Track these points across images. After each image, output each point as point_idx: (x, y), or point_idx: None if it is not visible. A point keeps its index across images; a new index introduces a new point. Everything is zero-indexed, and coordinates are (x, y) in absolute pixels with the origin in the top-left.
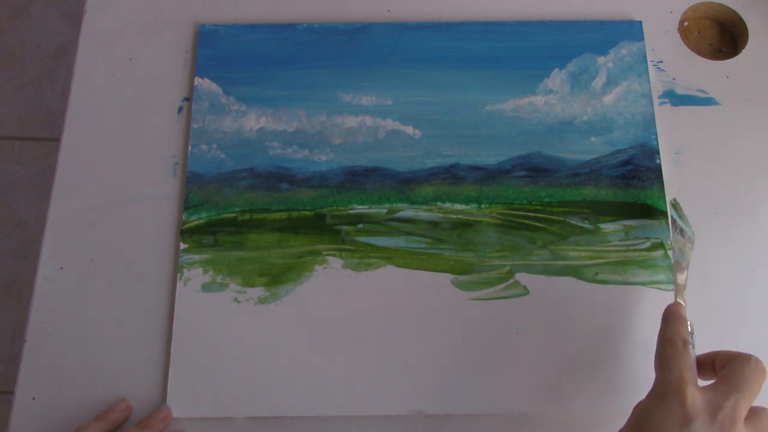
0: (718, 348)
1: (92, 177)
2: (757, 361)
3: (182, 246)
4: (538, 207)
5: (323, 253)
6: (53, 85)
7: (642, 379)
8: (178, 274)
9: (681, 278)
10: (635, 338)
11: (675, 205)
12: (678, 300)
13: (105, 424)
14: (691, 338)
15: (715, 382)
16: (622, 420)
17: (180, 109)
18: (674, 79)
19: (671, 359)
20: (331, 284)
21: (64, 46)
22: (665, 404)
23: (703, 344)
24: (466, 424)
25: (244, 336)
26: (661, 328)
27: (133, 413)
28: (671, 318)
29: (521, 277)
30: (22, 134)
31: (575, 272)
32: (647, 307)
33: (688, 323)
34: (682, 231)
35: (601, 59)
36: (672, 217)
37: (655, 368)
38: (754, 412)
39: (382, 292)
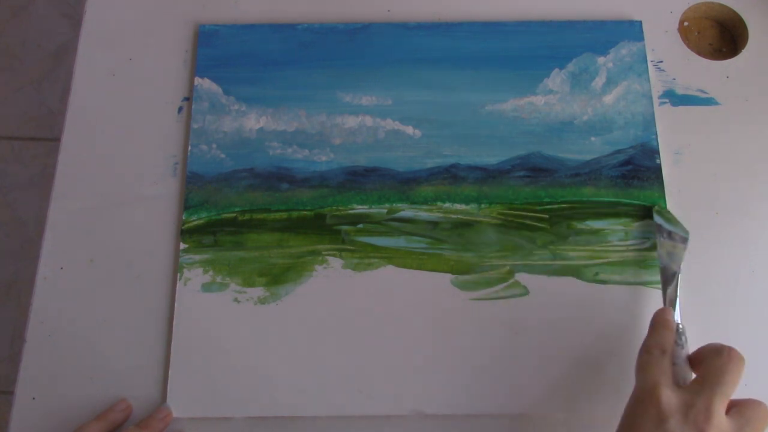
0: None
1: (92, 177)
2: (730, 351)
3: (182, 246)
4: (538, 207)
5: (323, 253)
6: (53, 85)
7: None
8: (178, 274)
9: (670, 281)
10: (635, 338)
11: (659, 211)
12: (667, 306)
13: (105, 424)
14: (682, 339)
15: (692, 381)
16: None
17: (180, 109)
18: (674, 79)
19: (647, 366)
20: (331, 284)
21: (64, 46)
22: (642, 406)
23: (702, 344)
24: (466, 424)
25: (244, 336)
26: (647, 335)
27: (133, 413)
28: (656, 326)
29: (521, 277)
30: (22, 134)
31: (575, 272)
32: (647, 307)
33: (679, 325)
34: (670, 234)
35: (601, 59)
36: (657, 223)
37: (635, 374)
38: (738, 404)
39: (382, 292)
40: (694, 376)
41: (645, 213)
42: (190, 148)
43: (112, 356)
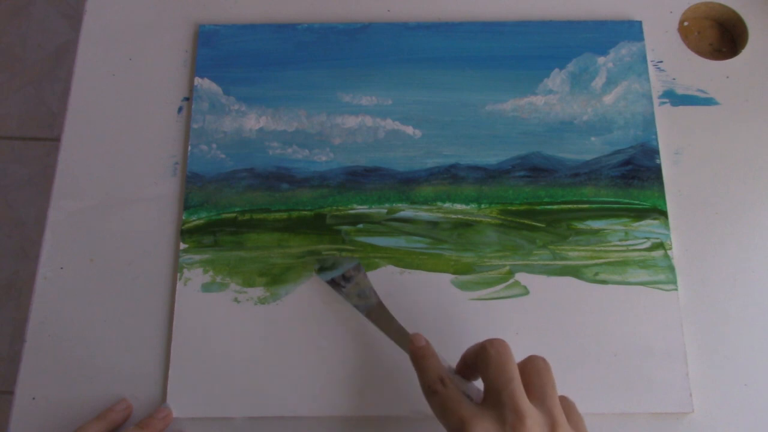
0: (717, 348)
1: (92, 177)
2: (489, 343)
3: (182, 246)
4: (537, 207)
5: (323, 253)
6: (53, 85)
7: (642, 379)
8: (178, 274)
9: (384, 316)
10: (635, 338)
11: (318, 270)
12: (412, 333)
13: (105, 423)
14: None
15: (485, 391)
16: (622, 420)
17: (180, 109)
18: (674, 79)
19: (444, 405)
20: None
21: (64, 46)
22: None
23: (702, 346)
24: None
25: (244, 336)
26: (418, 374)
27: (133, 413)
28: (418, 361)
29: (521, 277)
30: (22, 134)
31: (575, 272)
32: (647, 307)
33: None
34: (345, 278)
35: (601, 59)
36: (325, 281)
37: (440, 420)
38: (530, 383)
39: (382, 292)
40: (471, 382)
41: (645, 212)
42: (190, 148)
43: (112, 356)
